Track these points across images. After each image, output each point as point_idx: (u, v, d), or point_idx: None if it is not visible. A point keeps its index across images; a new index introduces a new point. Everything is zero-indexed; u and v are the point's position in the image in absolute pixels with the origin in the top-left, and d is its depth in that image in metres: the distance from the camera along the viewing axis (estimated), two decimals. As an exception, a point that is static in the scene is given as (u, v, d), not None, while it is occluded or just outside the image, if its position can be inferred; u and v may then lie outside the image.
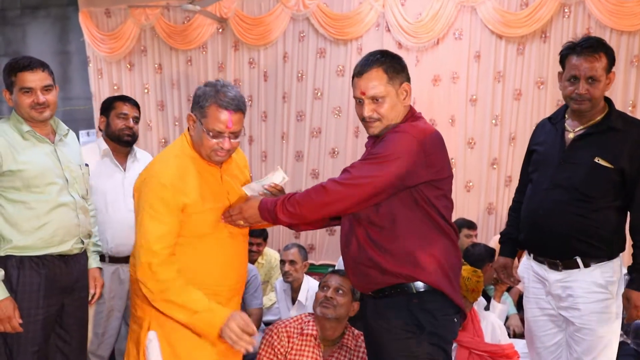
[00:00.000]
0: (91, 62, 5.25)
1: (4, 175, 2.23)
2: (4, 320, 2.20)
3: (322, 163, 4.80)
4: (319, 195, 1.84)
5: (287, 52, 4.78)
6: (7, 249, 2.24)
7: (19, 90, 2.28)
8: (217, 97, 1.89)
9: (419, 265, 1.85)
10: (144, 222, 1.89)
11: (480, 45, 4.35)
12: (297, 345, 2.54)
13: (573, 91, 2.20)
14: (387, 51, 1.98)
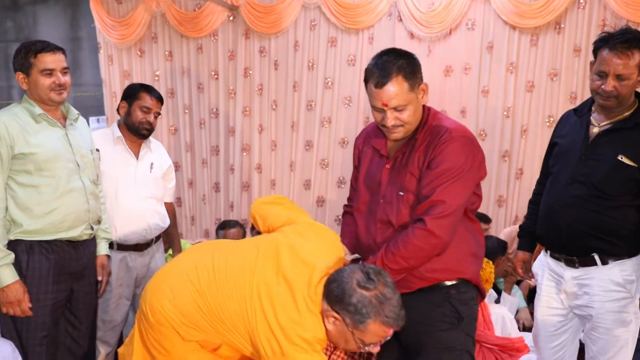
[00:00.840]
0: (102, 49, 5.24)
1: (16, 158, 2.24)
2: (14, 303, 2.21)
3: (332, 153, 4.78)
4: (427, 240, 1.81)
5: (298, 40, 4.75)
6: (17, 232, 2.26)
7: (40, 72, 2.29)
8: (380, 311, 1.64)
9: (458, 267, 1.88)
10: None
11: (493, 35, 4.30)
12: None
13: (599, 86, 2.13)
14: (400, 51, 1.92)
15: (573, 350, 2.36)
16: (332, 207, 4.83)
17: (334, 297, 1.65)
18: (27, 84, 2.31)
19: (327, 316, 1.69)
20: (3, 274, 2.20)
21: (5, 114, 2.29)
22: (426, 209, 1.82)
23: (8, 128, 2.24)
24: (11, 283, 2.20)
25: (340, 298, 1.64)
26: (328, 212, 4.84)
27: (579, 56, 4.12)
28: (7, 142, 2.22)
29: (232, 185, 5.06)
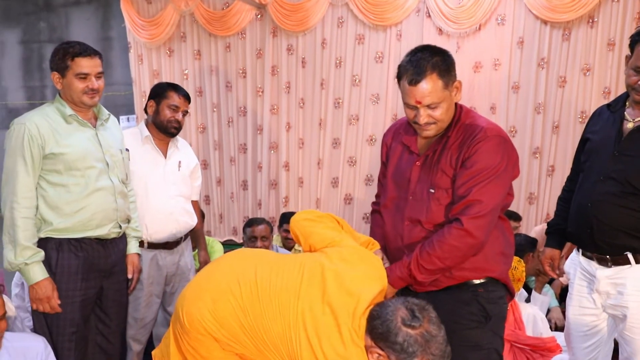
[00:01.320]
0: (132, 48, 5.31)
1: (46, 158, 2.28)
2: (43, 300, 2.25)
3: (360, 150, 4.77)
4: (464, 240, 1.79)
5: (325, 38, 4.74)
6: (47, 231, 2.30)
7: (75, 75, 2.32)
8: (427, 349, 1.60)
9: (487, 266, 1.86)
10: None
11: (524, 30, 4.23)
12: None
13: (636, 82, 2.08)
14: (435, 48, 1.90)
15: (607, 351, 2.31)
16: (359, 205, 4.81)
17: (379, 334, 1.61)
18: (62, 85, 2.35)
19: (371, 352, 1.65)
20: (33, 271, 2.24)
21: (37, 114, 2.33)
22: (462, 208, 1.80)
23: (39, 128, 2.27)
24: (41, 280, 2.24)
25: (385, 336, 1.60)
26: (356, 210, 4.83)
27: (613, 50, 4.02)
28: (38, 142, 2.26)
29: (260, 183, 5.09)
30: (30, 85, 5.90)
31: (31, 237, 2.26)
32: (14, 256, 2.23)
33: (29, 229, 2.25)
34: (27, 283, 2.29)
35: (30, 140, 2.25)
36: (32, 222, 2.26)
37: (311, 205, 4.96)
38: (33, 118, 2.29)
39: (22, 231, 2.22)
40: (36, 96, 5.85)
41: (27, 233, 2.24)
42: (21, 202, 2.24)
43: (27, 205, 2.25)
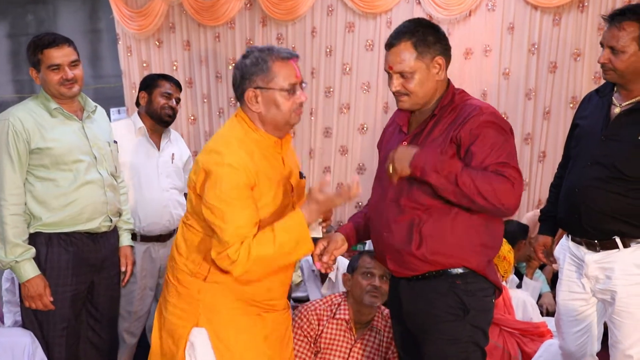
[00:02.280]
0: (120, 40, 5.26)
1: (33, 153, 2.25)
2: (35, 297, 2.24)
3: (351, 139, 4.76)
4: (502, 183, 1.70)
5: (315, 27, 4.71)
6: (37, 226, 2.28)
7: (47, 68, 2.28)
8: (274, 54, 1.81)
9: (463, 255, 1.82)
10: (224, 213, 1.75)
11: (514, 16, 4.21)
12: (328, 329, 2.53)
13: (598, 59, 2.13)
14: (422, 20, 1.89)
15: (596, 335, 2.32)
16: (352, 193, 4.80)
17: (239, 84, 1.84)
18: (39, 80, 2.33)
19: (250, 103, 1.83)
20: (24, 269, 2.23)
21: (21, 109, 2.30)
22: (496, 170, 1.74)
23: (24, 123, 2.24)
24: (32, 277, 2.23)
25: (242, 77, 1.82)
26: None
27: (603, 35, 4.02)
28: (23, 137, 2.23)
29: (252, 174, 5.06)
30: (19, 79, 5.84)
31: (21, 234, 2.24)
32: (4, 254, 2.21)
33: (18, 226, 2.23)
34: (19, 281, 2.28)
35: (15, 136, 2.22)
36: (21, 219, 2.24)
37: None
38: (17, 113, 2.26)
39: (10, 229, 2.20)
40: (25, 89, 5.80)
41: (16, 230, 2.22)
42: (9, 199, 2.21)
43: (15, 202, 2.23)
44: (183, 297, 1.92)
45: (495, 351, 2.55)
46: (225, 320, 1.88)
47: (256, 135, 1.86)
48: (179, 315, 1.92)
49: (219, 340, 1.87)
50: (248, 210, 1.77)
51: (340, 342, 2.52)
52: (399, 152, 1.78)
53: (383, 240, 1.93)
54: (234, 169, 1.75)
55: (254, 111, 1.85)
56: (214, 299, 1.89)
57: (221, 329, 1.88)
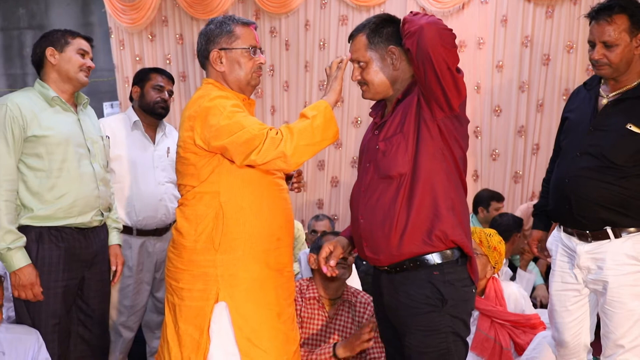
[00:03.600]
0: (113, 34, 5.24)
1: (27, 141, 2.23)
2: (27, 287, 2.21)
3: (345, 133, 4.76)
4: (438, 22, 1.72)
5: (308, 20, 4.70)
6: (27, 218, 2.25)
7: (76, 50, 2.36)
8: (235, 20, 1.97)
9: (448, 230, 1.79)
10: (239, 122, 1.81)
11: (507, 8, 4.22)
12: (304, 308, 2.58)
13: (591, 56, 2.13)
14: (386, 16, 1.93)
15: (589, 326, 2.34)
16: (346, 187, 4.81)
17: (205, 48, 1.97)
18: (56, 60, 2.34)
19: (215, 64, 1.95)
20: (16, 257, 2.19)
21: (19, 95, 2.29)
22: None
23: (21, 109, 2.23)
24: (24, 266, 2.20)
25: (207, 41, 1.95)
26: (342, 192, 4.83)
27: (596, 27, 4.02)
28: (19, 123, 2.21)
29: (246, 168, 5.06)
30: (11, 73, 5.81)
31: (14, 220, 2.21)
32: None
33: (11, 212, 2.20)
34: (8, 270, 2.23)
35: (12, 121, 2.20)
36: (13, 206, 2.21)
37: (298, 189, 4.95)
38: (15, 99, 2.25)
39: (4, 215, 2.17)
40: (17, 84, 5.76)
41: (10, 217, 2.19)
42: (3, 184, 2.18)
43: (9, 187, 2.20)
44: (199, 278, 1.92)
45: (487, 343, 2.56)
46: (245, 295, 1.91)
47: (226, 93, 1.95)
48: (199, 297, 1.92)
49: (238, 315, 1.90)
50: (253, 119, 1.87)
51: (315, 320, 2.57)
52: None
53: (359, 226, 1.92)
54: (224, 97, 1.88)
55: (218, 71, 1.97)
56: (232, 270, 1.90)
57: (241, 303, 1.91)
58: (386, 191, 1.83)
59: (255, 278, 1.93)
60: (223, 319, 1.90)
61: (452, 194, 1.81)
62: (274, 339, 1.94)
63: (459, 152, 1.83)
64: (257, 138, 1.77)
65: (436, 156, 1.78)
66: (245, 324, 1.90)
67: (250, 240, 1.91)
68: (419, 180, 1.78)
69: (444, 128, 1.78)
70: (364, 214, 1.89)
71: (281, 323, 1.97)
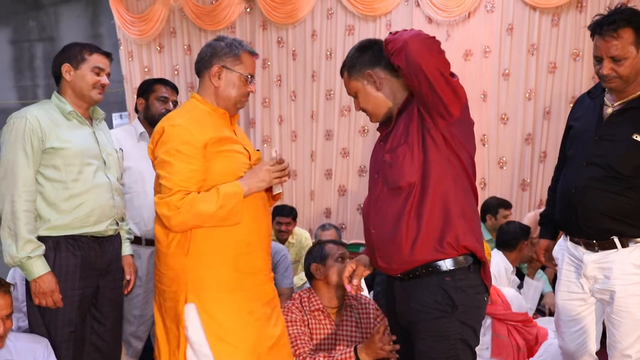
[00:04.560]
0: (122, 45, 5.30)
1: (45, 153, 2.27)
2: (47, 294, 2.25)
3: (352, 141, 4.77)
4: (428, 39, 1.74)
5: (315, 30, 4.74)
6: (44, 228, 2.29)
7: (91, 68, 2.37)
8: (244, 46, 2.10)
9: (459, 235, 1.79)
10: (171, 165, 1.95)
11: (513, 17, 4.23)
12: (310, 321, 2.57)
13: (598, 70, 2.13)
14: (360, 44, 2.01)
15: (595, 335, 2.33)
16: (353, 196, 4.83)
17: (208, 59, 2.08)
18: (72, 77, 2.37)
19: (212, 77, 2.06)
20: (36, 265, 2.22)
21: (37, 108, 2.33)
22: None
23: (40, 122, 2.27)
24: (44, 274, 2.23)
25: (213, 54, 2.07)
26: (350, 201, 4.84)
27: (602, 35, 4.02)
28: (38, 135, 2.26)
29: (254, 177, 5.08)
30: (22, 85, 5.88)
31: (33, 230, 2.24)
32: (16, 250, 2.20)
33: (30, 222, 2.23)
34: (28, 278, 2.26)
35: (31, 133, 2.25)
36: (32, 216, 2.25)
37: (305, 198, 4.97)
38: (34, 112, 2.29)
39: (24, 224, 2.21)
40: (28, 95, 5.84)
41: (29, 227, 2.22)
42: (22, 195, 2.22)
43: (28, 198, 2.24)
44: (173, 281, 2.04)
45: (507, 347, 2.59)
46: (212, 297, 2.01)
47: (205, 107, 2.09)
48: (173, 298, 2.04)
49: (207, 315, 2.00)
50: (193, 167, 1.96)
51: (323, 330, 2.57)
52: None
53: (371, 235, 1.94)
54: (183, 128, 1.97)
55: (213, 84, 2.08)
56: (200, 274, 2.01)
57: (209, 304, 2.00)
58: (396, 201, 1.84)
59: (223, 281, 2.02)
60: (193, 318, 2.00)
61: (462, 200, 1.81)
62: (245, 335, 2.02)
63: (466, 157, 1.84)
64: (166, 189, 1.95)
65: (443, 163, 1.79)
66: (213, 323, 1.99)
67: (219, 245, 2.01)
68: (428, 189, 1.79)
69: (448, 135, 1.79)
70: (375, 224, 1.91)
71: (254, 320, 2.05)
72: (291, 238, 4.11)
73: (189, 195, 1.94)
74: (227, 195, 1.95)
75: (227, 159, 2.03)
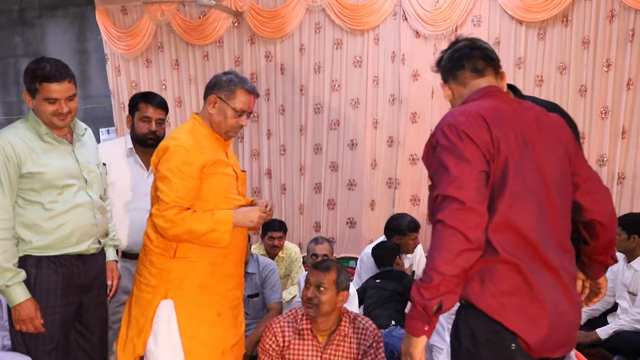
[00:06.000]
0: (109, 60, 5.28)
1: (23, 177, 2.22)
2: (27, 320, 2.21)
3: (341, 155, 4.77)
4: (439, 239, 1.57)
5: (303, 44, 4.75)
6: (26, 249, 2.25)
7: (43, 99, 2.22)
8: (243, 83, 2.32)
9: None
10: (171, 182, 2.18)
11: (500, 31, 4.27)
12: (294, 341, 2.54)
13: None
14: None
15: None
16: (343, 209, 4.81)
17: (211, 88, 2.33)
18: (32, 105, 2.29)
19: (209, 104, 2.31)
20: (15, 292, 2.19)
21: (11, 132, 2.25)
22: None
23: (15, 148, 2.20)
24: (23, 301, 2.20)
25: (215, 85, 2.32)
26: (340, 215, 4.82)
27: (588, 48, 4.07)
28: (14, 161, 2.19)
29: (243, 191, 5.06)
30: (7, 101, 5.83)
31: (11, 257, 2.20)
32: None
33: (8, 250, 2.19)
34: (9, 305, 2.23)
35: (6, 161, 2.18)
36: (10, 243, 2.20)
37: (294, 212, 4.95)
38: (7, 137, 2.22)
39: (1, 253, 2.16)
40: (13, 111, 5.78)
41: (6, 255, 2.18)
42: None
43: (5, 226, 2.19)
44: (155, 276, 2.29)
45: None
46: (189, 297, 2.28)
47: (204, 130, 2.33)
48: (151, 291, 2.28)
49: (182, 312, 2.27)
50: (190, 185, 2.20)
51: (307, 352, 2.52)
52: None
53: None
54: (186, 150, 2.20)
55: (208, 111, 2.33)
56: (182, 275, 2.27)
57: (184, 302, 2.27)
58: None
59: (200, 284, 2.29)
60: (168, 313, 2.26)
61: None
62: (211, 333, 2.31)
63: None
64: (164, 203, 2.19)
65: None
66: (186, 320, 2.27)
67: (200, 252, 2.27)
68: None
69: None
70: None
71: (221, 320, 2.33)
72: (281, 252, 4.08)
73: (186, 212, 2.19)
74: (220, 221, 2.22)
75: (218, 180, 2.28)
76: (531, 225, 1.64)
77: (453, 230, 1.54)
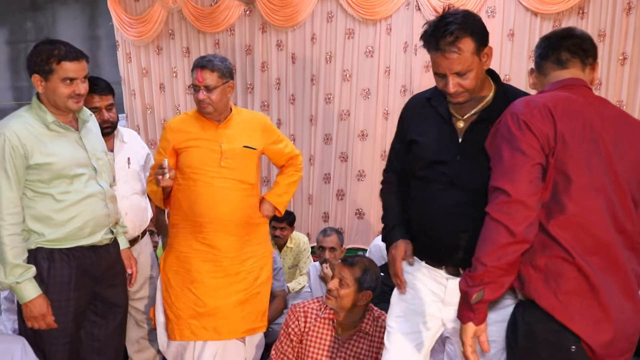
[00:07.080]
0: (120, 47, 5.27)
1: (30, 169, 2.15)
2: (38, 318, 2.17)
3: (351, 146, 4.74)
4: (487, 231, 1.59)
5: (315, 33, 4.71)
6: (38, 241, 2.21)
7: (60, 80, 2.16)
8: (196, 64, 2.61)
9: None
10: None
11: (514, 22, 4.21)
12: (314, 327, 2.54)
13: (443, 87, 1.90)
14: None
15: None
16: (351, 200, 4.79)
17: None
18: (44, 88, 2.19)
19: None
20: (26, 289, 2.14)
21: (17, 122, 2.16)
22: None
23: (20, 138, 2.12)
24: (34, 298, 2.15)
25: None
26: (348, 206, 4.80)
27: (604, 41, 4.01)
28: (20, 152, 2.12)
29: (252, 180, 5.05)
30: (19, 86, 5.84)
31: (20, 253, 2.14)
32: (4, 276, 2.11)
33: (17, 245, 2.13)
34: (20, 302, 2.19)
35: (12, 152, 2.11)
36: (19, 238, 2.14)
37: (303, 202, 4.94)
38: (13, 127, 2.14)
39: (10, 249, 2.10)
40: (24, 97, 5.79)
41: (15, 250, 2.12)
42: (6, 218, 2.11)
43: (13, 221, 2.12)
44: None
45: None
46: (171, 261, 2.62)
47: (195, 114, 2.65)
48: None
49: (164, 273, 2.64)
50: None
51: (324, 340, 2.52)
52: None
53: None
54: (167, 126, 2.71)
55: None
56: (171, 240, 2.65)
57: (167, 267, 2.63)
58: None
59: (182, 249, 2.58)
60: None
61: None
62: (183, 298, 2.56)
63: None
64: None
65: None
66: (167, 280, 2.62)
67: (182, 220, 2.58)
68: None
69: None
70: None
71: (194, 289, 2.56)
72: (289, 243, 4.07)
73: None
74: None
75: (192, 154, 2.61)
76: (603, 224, 1.62)
77: (497, 223, 1.56)
